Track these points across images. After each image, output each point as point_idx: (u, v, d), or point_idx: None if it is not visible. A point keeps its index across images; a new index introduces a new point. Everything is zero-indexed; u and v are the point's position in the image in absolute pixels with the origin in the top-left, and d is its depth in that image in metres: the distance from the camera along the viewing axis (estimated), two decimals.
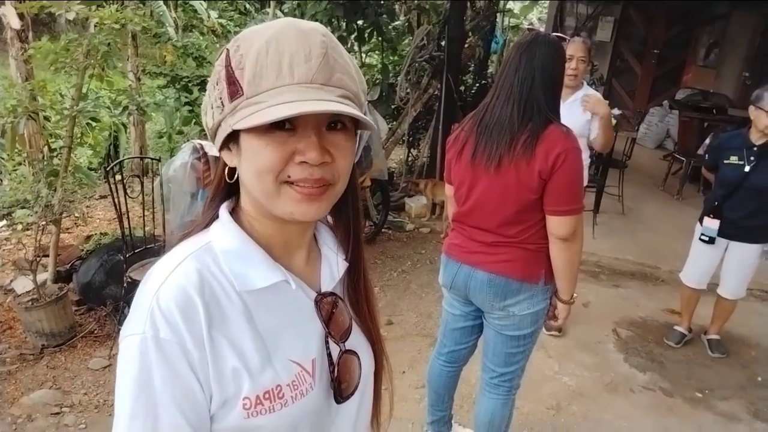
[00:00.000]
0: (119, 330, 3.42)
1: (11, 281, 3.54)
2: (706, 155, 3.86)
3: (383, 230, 4.97)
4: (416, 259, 4.61)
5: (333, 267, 0.88)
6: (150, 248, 3.43)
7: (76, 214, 4.34)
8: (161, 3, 6.37)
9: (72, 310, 3.34)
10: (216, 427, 0.74)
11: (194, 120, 5.38)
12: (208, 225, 0.81)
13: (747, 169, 3.21)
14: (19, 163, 5.07)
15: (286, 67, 0.70)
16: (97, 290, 3.52)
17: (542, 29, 6.66)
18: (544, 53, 1.94)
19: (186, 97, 5.04)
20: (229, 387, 0.73)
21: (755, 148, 3.20)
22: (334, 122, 0.74)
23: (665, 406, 3.12)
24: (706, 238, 3.39)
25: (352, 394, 0.86)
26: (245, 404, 0.74)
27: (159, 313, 0.70)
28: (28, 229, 4.23)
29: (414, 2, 6.03)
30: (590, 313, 3.96)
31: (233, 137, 0.74)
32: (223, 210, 0.81)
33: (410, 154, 6.27)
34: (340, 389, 0.84)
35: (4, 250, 4.13)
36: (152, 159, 3.95)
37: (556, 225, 1.94)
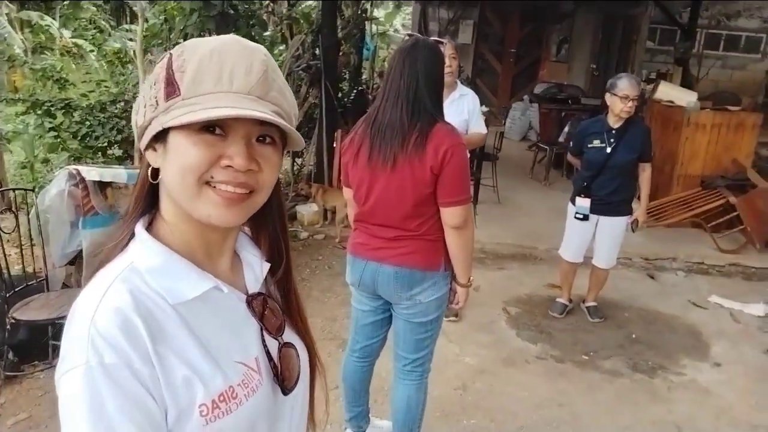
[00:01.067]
0: (5, 376, 3.12)
1: None
2: (570, 143, 4.28)
3: None
4: (314, 265, 4.66)
5: (256, 269, 0.90)
6: (30, 285, 3.21)
7: None
8: (5, 23, 5.90)
9: None
10: None
11: (61, 146, 5.06)
12: (125, 246, 0.80)
13: (609, 150, 3.60)
14: None
15: (226, 76, 0.73)
16: None
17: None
18: (425, 56, 2.09)
19: (50, 122, 4.72)
20: (182, 398, 0.73)
21: (614, 131, 3.61)
22: (264, 136, 0.77)
23: (557, 371, 3.42)
24: (581, 216, 3.75)
25: (295, 385, 0.89)
26: (202, 411, 0.74)
27: (99, 338, 0.68)
28: None
29: (285, 13, 6.08)
30: (481, 296, 4.23)
31: (161, 137, 0.75)
32: (139, 227, 0.80)
33: (295, 163, 6.30)
34: (284, 382, 0.87)
35: None
36: (25, 190, 3.67)
37: (449, 215, 2.10)
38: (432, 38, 2.37)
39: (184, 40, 5.52)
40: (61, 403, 0.69)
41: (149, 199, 0.82)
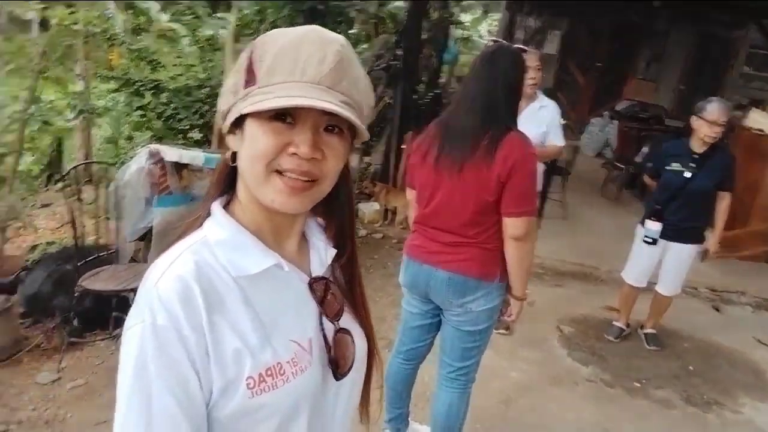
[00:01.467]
0: (69, 342, 3.31)
1: None
2: (647, 163, 4.12)
3: None
4: (369, 264, 4.71)
5: (322, 254, 0.93)
6: (101, 256, 3.36)
7: (19, 224, 4.22)
8: (111, 5, 6.25)
9: (17, 323, 3.24)
10: (221, 413, 0.78)
11: (146, 125, 5.32)
12: (201, 222, 0.85)
13: (688, 175, 3.45)
14: None
15: (300, 66, 0.76)
16: (44, 301, 3.42)
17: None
18: (506, 63, 2.08)
19: (138, 101, 4.97)
20: (230, 369, 0.77)
21: (696, 156, 3.45)
22: (332, 125, 0.79)
23: (606, 396, 3.32)
24: (650, 240, 3.60)
25: (348, 371, 0.91)
26: (249, 383, 0.77)
27: (158, 300, 0.74)
28: None
29: (372, 11, 6.15)
30: (535, 312, 4.15)
31: (239, 123, 0.79)
32: (216, 205, 0.85)
33: (362, 161, 6.37)
34: (337, 367, 0.89)
35: None
36: (106, 164, 3.90)
37: (511, 226, 2.08)
38: (516, 45, 2.34)
39: None
40: (120, 352, 0.76)
41: (228, 181, 0.87)
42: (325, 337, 0.89)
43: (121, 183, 3.43)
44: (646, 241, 3.63)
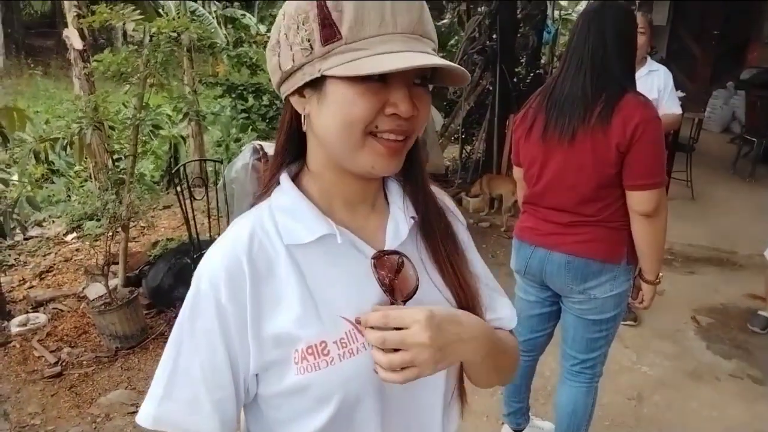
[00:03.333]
0: None
1: (83, 288, 3.64)
2: None
3: None
4: None
5: (400, 225, 0.83)
6: None
7: (143, 223, 4.46)
8: (211, 19, 6.52)
9: (143, 313, 3.42)
10: (271, 389, 0.76)
11: (250, 127, 5.48)
12: (270, 193, 0.82)
13: None
14: (85, 180, 5.26)
15: (389, 15, 0.67)
16: (166, 293, 3.59)
17: None
18: (615, 18, 1.83)
19: (242, 105, 5.12)
20: (272, 343, 0.73)
21: None
22: (421, 77, 0.72)
23: (755, 393, 2.92)
24: None
25: None
26: (295, 358, 0.73)
27: (205, 267, 0.75)
28: (97, 240, 4.37)
29: None
30: (666, 302, 3.77)
31: (314, 84, 0.70)
32: (284, 175, 0.81)
33: (464, 151, 6.18)
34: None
35: (75, 260, 4.27)
36: (214, 161, 4.02)
37: (638, 200, 1.82)
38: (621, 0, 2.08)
39: None
40: None
41: (295, 148, 0.82)
42: None
43: (229, 179, 3.49)
44: None
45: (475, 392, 2.77)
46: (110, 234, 3.34)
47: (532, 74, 6.42)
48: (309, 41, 0.68)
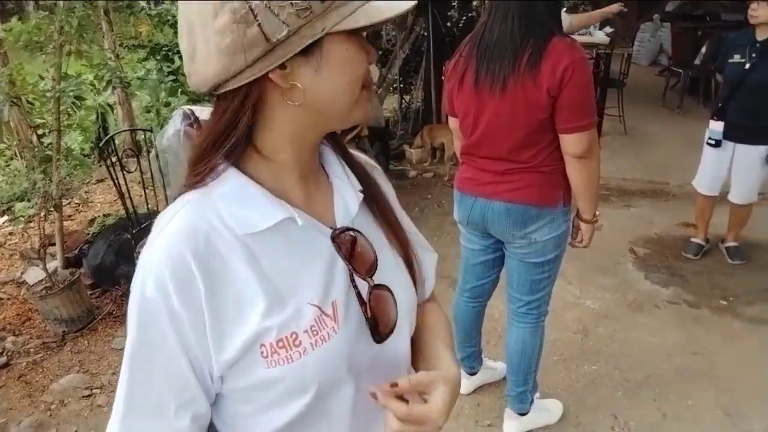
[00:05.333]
0: None
1: (21, 273, 3.50)
2: (713, 60, 3.79)
3: None
4: (423, 204, 4.56)
5: (348, 200, 0.80)
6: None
7: (77, 200, 4.28)
8: None
9: (87, 294, 3.32)
10: (238, 384, 0.71)
11: (180, 89, 5.24)
12: (204, 179, 0.71)
13: (747, 66, 3.14)
14: (11, 158, 4.98)
15: None
16: (109, 271, 3.49)
17: None
18: None
19: (168, 67, 4.87)
20: (236, 341, 0.68)
21: (758, 44, 3.12)
22: None
23: (691, 317, 3.11)
24: (713, 142, 3.36)
25: (391, 332, 0.78)
26: (262, 352, 0.69)
27: (150, 270, 0.67)
28: (30, 221, 4.18)
29: None
30: (604, 236, 3.88)
31: (306, 47, 0.64)
32: (224, 162, 0.71)
33: (403, 101, 6.13)
34: (378, 328, 0.76)
35: (9, 244, 4.08)
36: (143, 130, 3.85)
37: (571, 142, 1.86)
38: None
39: None
40: None
41: (241, 135, 0.69)
42: (359, 296, 0.76)
43: (161, 148, 3.37)
44: (709, 143, 3.39)
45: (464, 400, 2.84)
46: (43, 214, 3.20)
47: (464, 17, 6.34)
48: (302, 3, 0.62)
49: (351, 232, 0.77)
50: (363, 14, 0.64)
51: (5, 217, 4.45)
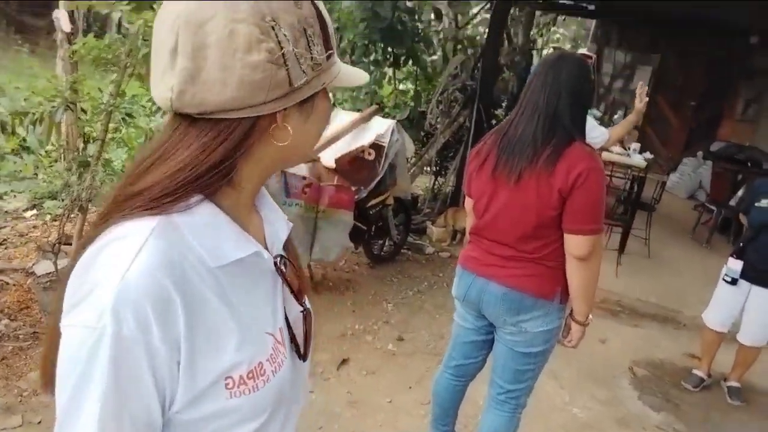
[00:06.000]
0: None
1: (33, 264, 3.60)
2: (741, 203, 3.85)
3: (402, 250, 4.96)
4: (433, 281, 4.58)
5: (278, 229, 0.84)
6: None
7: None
8: None
9: None
10: (189, 416, 0.68)
11: None
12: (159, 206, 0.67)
13: None
14: (56, 160, 5.23)
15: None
16: None
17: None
18: (571, 71, 1.94)
19: None
20: (207, 377, 0.67)
21: None
22: None
23: None
24: (729, 279, 3.34)
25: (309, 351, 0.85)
26: (228, 383, 0.69)
27: (127, 304, 0.60)
28: (56, 220, 4.33)
29: (451, 32, 6.12)
30: (607, 350, 3.87)
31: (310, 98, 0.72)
32: (198, 194, 0.69)
33: (436, 182, 6.28)
34: (306, 348, 0.83)
35: (30, 236, 4.22)
36: None
37: (574, 244, 1.91)
38: (580, 52, 2.21)
39: (351, 50, 5.78)
40: (60, 353, 0.63)
41: (225, 167, 0.69)
42: (287, 321, 0.81)
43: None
44: (725, 280, 3.37)
45: (407, 414, 2.82)
46: (68, 215, 3.33)
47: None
48: (319, 55, 0.70)
49: (284, 260, 0.81)
50: (344, 77, 0.75)
51: (34, 211, 4.63)
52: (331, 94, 0.82)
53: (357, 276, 4.46)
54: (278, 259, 0.80)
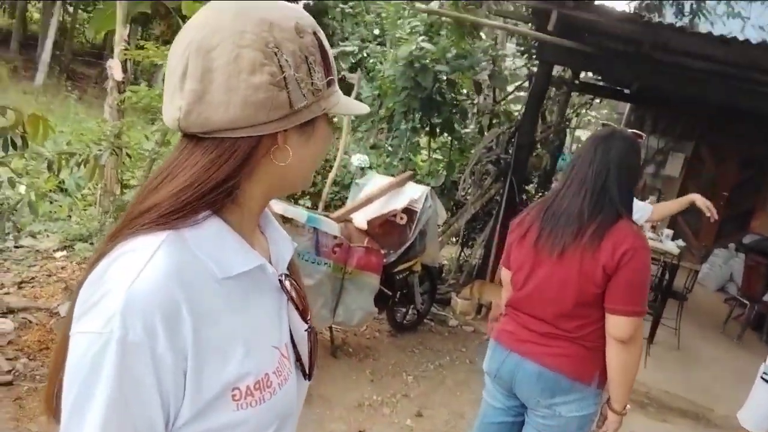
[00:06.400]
0: None
1: (59, 305, 3.60)
2: None
3: (425, 321, 4.86)
4: (455, 355, 4.45)
5: (282, 249, 0.87)
6: None
7: None
8: None
9: None
10: (195, 428, 0.68)
11: None
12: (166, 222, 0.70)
13: None
14: (90, 204, 5.33)
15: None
16: None
17: None
18: (621, 147, 1.93)
19: None
20: (213, 388, 0.68)
21: None
22: None
23: None
24: (767, 378, 3.17)
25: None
26: (234, 395, 0.70)
27: (134, 310, 0.62)
28: (84, 262, 4.36)
29: (488, 106, 6.24)
30: None
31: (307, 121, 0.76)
32: (206, 210, 0.72)
33: (463, 253, 6.23)
34: (311, 366, 0.84)
35: (58, 276, 4.24)
36: None
37: (615, 324, 1.84)
38: (631, 131, 2.20)
39: (390, 116, 5.90)
40: (67, 360, 0.64)
41: (232, 183, 0.72)
42: (293, 338, 0.83)
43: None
44: (763, 378, 3.19)
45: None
46: None
47: (540, 194, 6.59)
48: (318, 82, 0.74)
49: (290, 278, 0.84)
50: (344, 105, 0.79)
51: (64, 252, 4.67)
52: (365, 157, 0.85)
53: (377, 343, 4.36)
54: (283, 277, 0.82)
